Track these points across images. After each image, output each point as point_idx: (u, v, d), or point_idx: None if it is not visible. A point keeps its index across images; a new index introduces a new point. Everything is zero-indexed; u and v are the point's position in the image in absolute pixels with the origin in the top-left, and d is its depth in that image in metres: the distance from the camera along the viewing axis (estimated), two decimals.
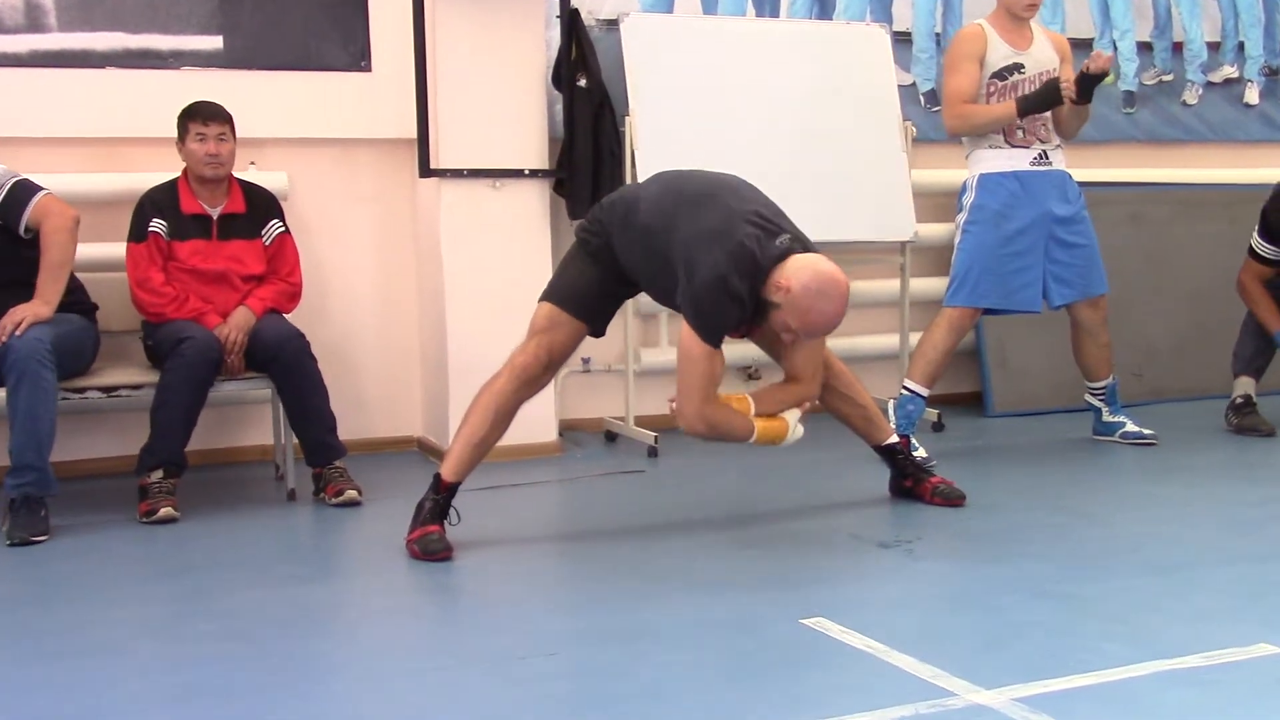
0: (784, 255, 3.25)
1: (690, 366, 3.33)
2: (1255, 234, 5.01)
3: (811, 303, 3.23)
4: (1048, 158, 4.51)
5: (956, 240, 4.57)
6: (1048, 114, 4.48)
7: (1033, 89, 4.43)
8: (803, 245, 3.31)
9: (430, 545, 3.44)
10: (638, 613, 2.99)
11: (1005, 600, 2.99)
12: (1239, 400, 5.00)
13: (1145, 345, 5.63)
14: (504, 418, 3.55)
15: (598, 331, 3.65)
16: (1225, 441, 4.88)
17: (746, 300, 3.26)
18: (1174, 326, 5.72)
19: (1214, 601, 2.99)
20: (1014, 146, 4.47)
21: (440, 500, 3.54)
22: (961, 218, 4.55)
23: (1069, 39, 4.85)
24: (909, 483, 3.97)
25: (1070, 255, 4.54)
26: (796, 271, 3.22)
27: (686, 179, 3.51)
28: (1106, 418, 4.83)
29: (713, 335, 3.30)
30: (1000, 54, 4.43)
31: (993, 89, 4.44)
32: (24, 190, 3.82)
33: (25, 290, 3.77)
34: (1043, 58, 4.48)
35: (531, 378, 3.54)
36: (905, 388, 4.53)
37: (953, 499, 3.90)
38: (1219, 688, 2.47)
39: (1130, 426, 4.79)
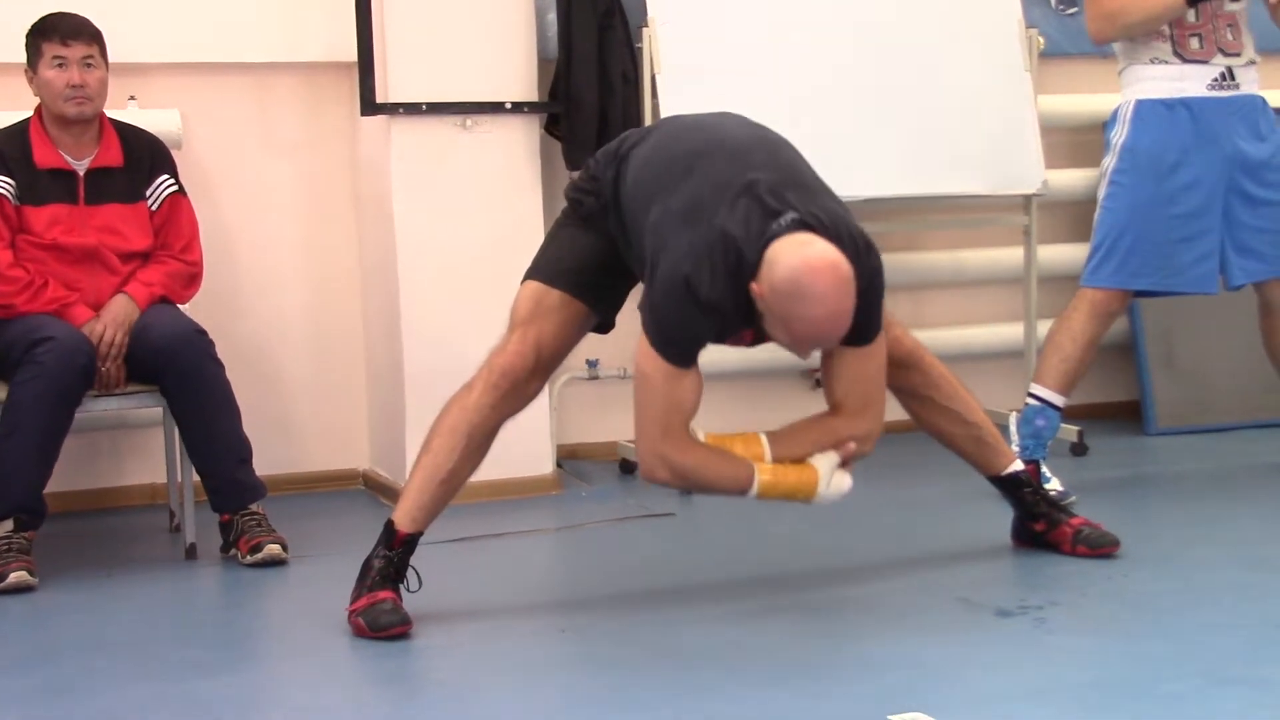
0: (775, 240, 3.17)
1: (645, 393, 3.32)
2: None
3: (788, 307, 3.12)
4: (1233, 78, 4.47)
5: (1101, 195, 4.55)
6: (1238, 7, 4.44)
7: None
8: (819, 223, 3.21)
9: (380, 618, 3.43)
10: (667, 711, 2.97)
11: (1176, 688, 2.98)
12: None
13: None
14: (479, 442, 3.54)
15: (603, 320, 3.63)
16: None
17: (727, 305, 3.20)
18: None
19: None
20: (1186, 61, 4.44)
21: (394, 557, 3.53)
22: (1109, 163, 4.53)
23: None
24: (1040, 526, 3.96)
25: (1260, 216, 4.51)
26: (772, 264, 3.13)
27: (686, 130, 3.50)
28: None
29: (673, 351, 3.28)
30: None
31: None
32: None
33: None
34: None
35: (514, 385, 3.51)
36: (1033, 395, 4.52)
37: (1102, 547, 3.89)
38: None
39: None
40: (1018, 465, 3.98)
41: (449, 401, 3.58)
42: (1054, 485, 4.44)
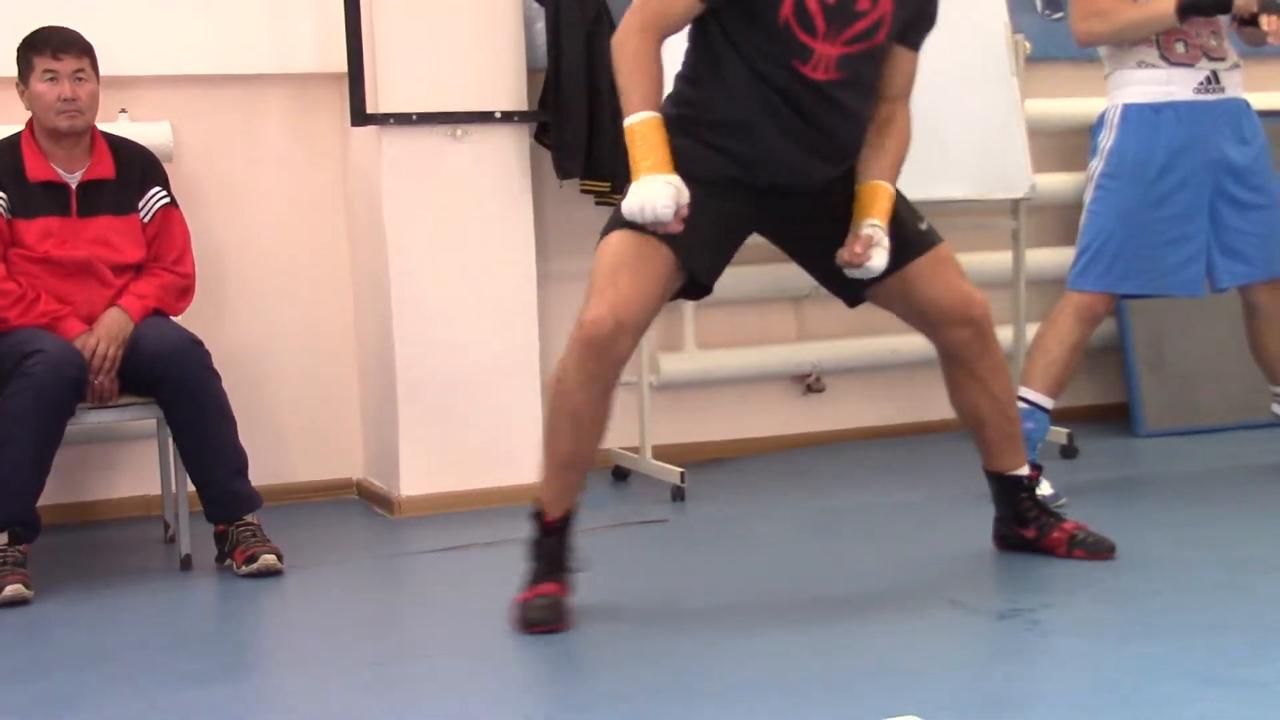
0: None
1: None
2: None
3: None
4: (1219, 81, 4.48)
5: (1088, 198, 4.57)
6: (1221, 18, 4.44)
7: None
8: None
9: (530, 614, 3.45)
10: (663, 714, 2.96)
11: (1167, 690, 2.98)
12: None
13: None
14: (588, 419, 3.46)
15: (698, 278, 3.53)
16: None
17: None
18: None
19: None
20: (1173, 65, 4.45)
21: (550, 545, 3.55)
22: (1096, 166, 4.54)
23: None
24: (1031, 532, 3.95)
25: (1245, 219, 4.52)
26: None
27: None
28: None
29: None
30: None
31: None
32: None
33: None
34: None
35: (598, 354, 3.39)
36: (1022, 399, 4.52)
37: (1099, 552, 3.89)
38: None
39: None
40: (1025, 470, 3.97)
41: (553, 376, 3.52)
42: (1045, 488, 4.44)
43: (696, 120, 3.54)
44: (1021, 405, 4.51)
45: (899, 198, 3.69)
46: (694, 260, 3.48)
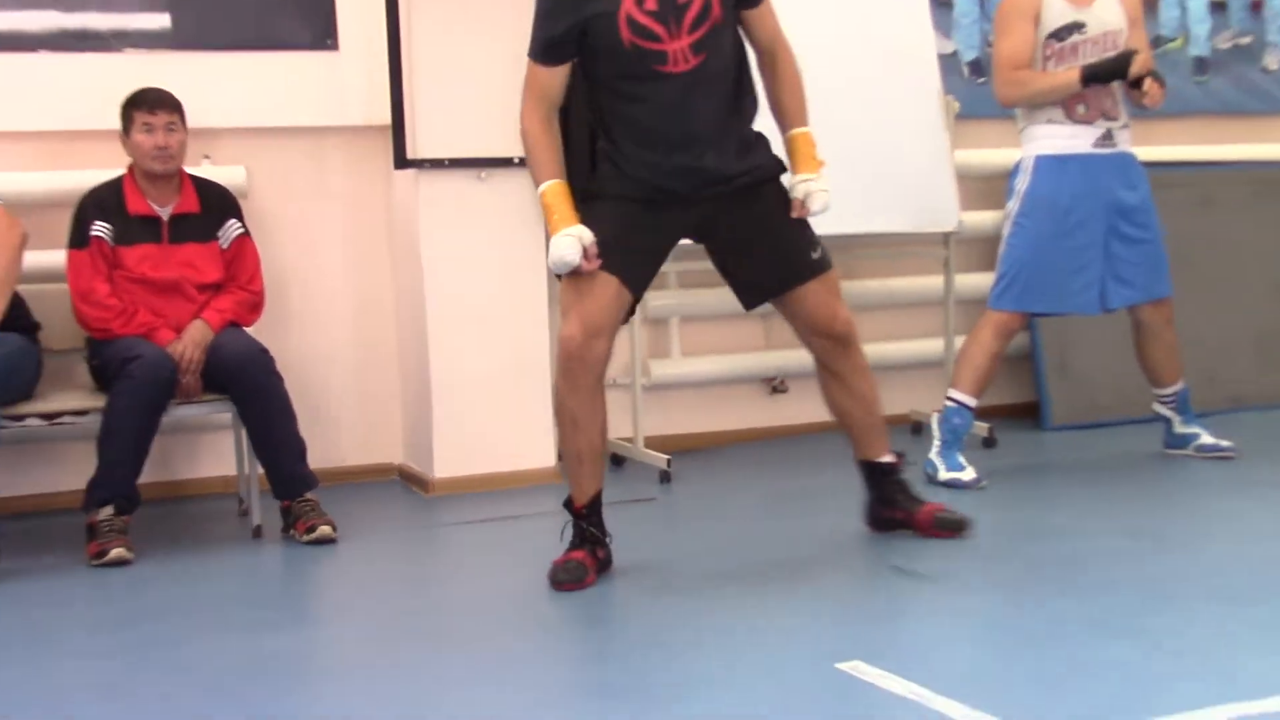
0: None
1: (526, 78, 3.54)
2: None
3: None
4: (1113, 138, 4.50)
5: (1005, 233, 4.59)
6: (1115, 85, 4.47)
7: (1095, 51, 4.43)
8: None
9: (557, 574, 3.51)
10: (650, 663, 2.99)
11: (1068, 637, 3.00)
12: None
13: (1220, 346, 5.62)
14: (585, 418, 3.52)
15: (631, 288, 3.53)
16: None
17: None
18: (1253, 324, 5.73)
19: None
20: (1075, 123, 4.47)
21: (580, 525, 3.60)
22: (1013, 206, 4.56)
23: None
24: (899, 514, 3.87)
25: (1132, 252, 4.55)
26: None
27: None
28: (1178, 429, 4.84)
29: (535, 47, 3.49)
30: (1057, 11, 4.42)
31: (1049, 51, 4.44)
32: None
33: None
34: (1107, 16, 4.47)
35: (579, 360, 3.46)
36: (950, 398, 4.55)
37: (957, 528, 3.83)
38: None
39: (1206, 438, 4.79)
40: (890, 458, 3.89)
41: (554, 388, 3.61)
42: (969, 473, 4.47)
43: (613, 149, 3.56)
44: (950, 404, 4.55)
45: (801, 230, 3.64)
46: (627, 277, 3.48)
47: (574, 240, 3.39)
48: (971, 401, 4.55)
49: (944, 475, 4.51)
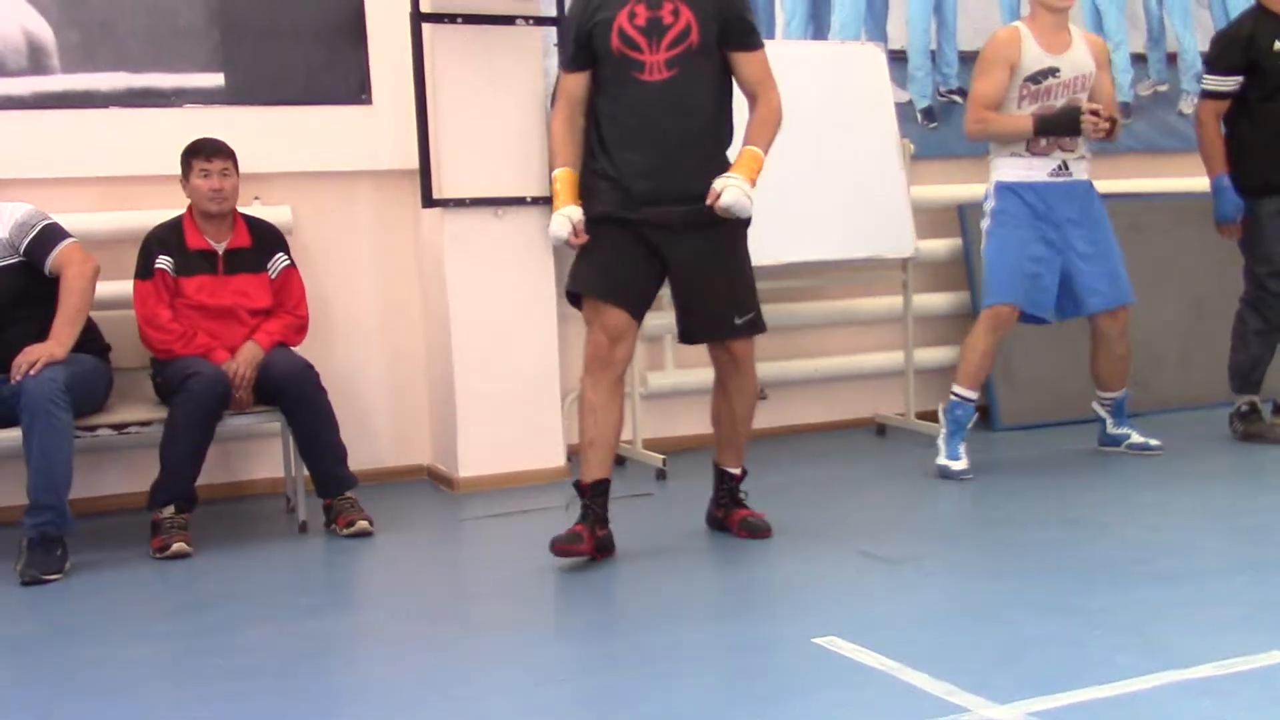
0: None
1: (559, 90, 3.66)
2: (1206, 77, 4.98)
3: None
4: (1068, 168, 4.49)
5: (983, 246, 4.59)
6: (1079, 100, 4.46)
7: (1068, 92, 4.42)
8: None
9: (560, 538, 3.55)
10: (649, 637, 2.98)
11: (1017, 614, 2.99)
12: (1244, 408, 4.99)
13: (1150, 354, 5.61)
14: (603, 409, 3.60)
15: (627, 307, 3.62)
16: (1232, 449, 4.87)
17: (577, 9, 3.57)
18: (1178, 335, 5.71)
19: (1225, 610, 2.98)
20: (1035, 155, 4.46)
21: (586, 503, 3.62)
22: (985, 223, 4.57)
23: None
24: (720, 513, 3.90)
25: (1091, 264, 4.52)
26: None
27: None
28: (1111, 429, 4.82)
29: (563, 57, 3.66)
30: (1033, 57, 4.41)
31: (1025, 93, 4.42)
32: (52, 234, 3.92)
33: (42, 325, 3.83)
34: (1079, 61, 4.46)
35: (603, 361, 3.59)
36: (953, 393, 4.55)
37: (759, 532, 3.79)
38: (1232, 697, 2.46)
39: (1136, 437, 4.77)
40: (736, 470, 3.90)
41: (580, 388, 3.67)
42: (963, 463, 4.48)
43: (599, 149, 3.62)
44: (953, 398, 4.53)
45: (744, 291, 3.68)
46: (629, 307, 3.58)
47: (565, 219, 3.52)
48: (971, 395, 4.53)
49: (940, 461, 4.53)
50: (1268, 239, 4.86)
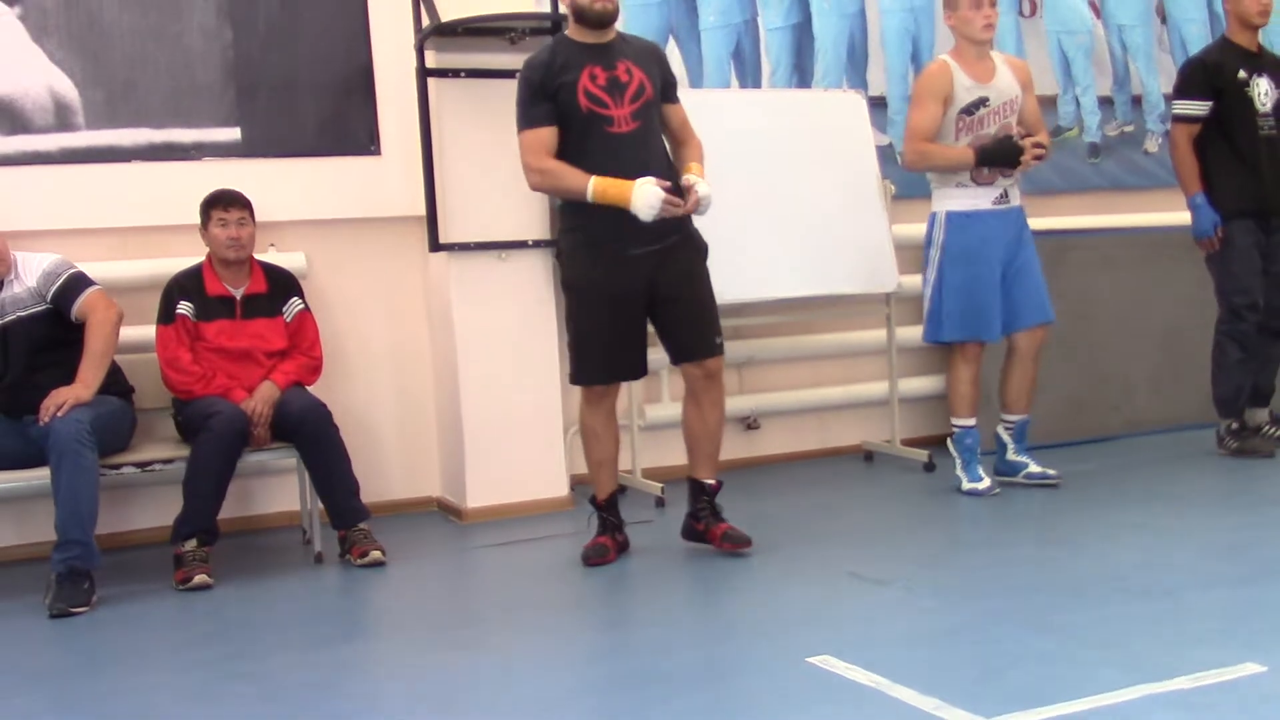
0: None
1: (522, 143, 3.72)
2: (1175, 102, 4.99)
3: None
4: (1007, 196, 4.50)
5: (930, 276, 4.55)
6: (1009, 123, 4.47)
7: (998, 119, 4.43)
8: None
9: (588, 553, 3.86)
10: (650, 659, 2.97)
11: (1001, 631, 2.99)
12: (1234, 425, 4.96)
13: (1122, 381, 5.64)
14: (601, 433, 3.90)
15: (628, 377, 3.95)
16: (1203, 470, 4.86)
17: (541, 55, 3.70)
18: (1149, 362, 5.71)
19: (1200, 624, 2.98)
20: (979, 185, 4.46)
21: (601, 516, 3.95)
22: (934, 254, 4.54)
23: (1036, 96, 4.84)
24: (700, 525, 3.93)
25: (1023, 283, 4.53)
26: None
27: None
28: (1011, 455, 4.68)
29: (522, 118, 3.71)
30: (965, 88, 4.42)
31: (961, 125, 4.43)
32: (78, 282, 3.95)
33: (68, 369, 3.84)
34: (1004, 88, 4.47)
35: (598, 397, 3.87)
36: (953, 425, 4.57)
37: (739, 544, 3.83)
38: (1208, 709, 2.46)
39: (1034, 467, 4.65)
40: (712, 481, 3.94)
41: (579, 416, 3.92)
42: (985, 483, 4.49)
43: (572, 226, 3.77)
44: (957, 430, 4.54)
45: (709, 317, 3.82)
46: (616, 378, 3.86)
47: (647, 188, 3.56)
48: (969, 422, 4.54)
49: (965, 486, 4.54)
50: (1241, 268, 4.87)
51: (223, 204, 4.12)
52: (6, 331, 3.91)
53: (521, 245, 4.70)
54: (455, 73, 4.59)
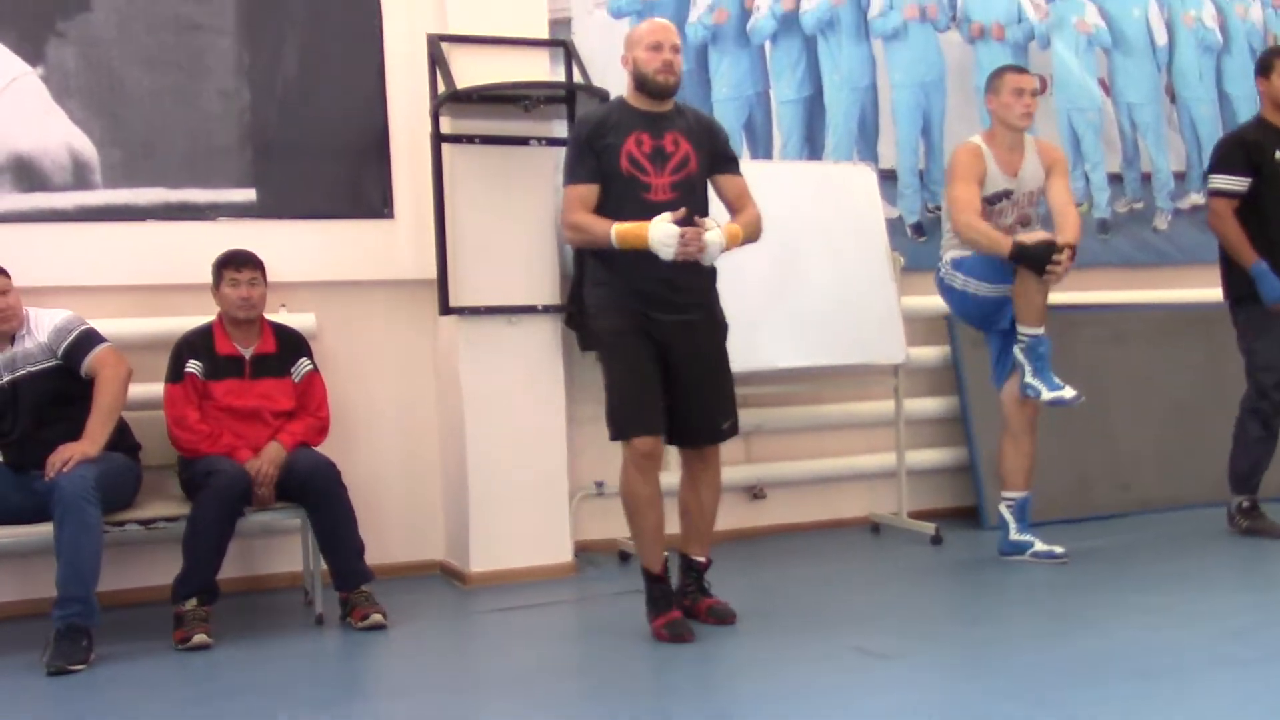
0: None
1: (565, 198, 3.78)
2: (1214, 177, 4.95)
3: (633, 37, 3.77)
4: None
5: (956, 285, 4.62)
6: (1028, 213, 4.56)
7: (1017, 210, 4.52)
8: None
9: (678, 629, 3.67)
10: None
11: (1006, 708, 2.96)
12: (1245, 504, 4.95)
13: (1132, 459, 5.61)
14: (645, 504, 3.75)
15: (658, 431, 3.80)
16: (1213, 548, 4.83)
17: (594, 114, 3.77)
18: (1158, 439, 5.70)
19: (1207, 705, 2.95)
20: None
21: (663, 589, 3.78)
22: (956, 278, 4.61)
23: None
24: (687, 602, 3.90)
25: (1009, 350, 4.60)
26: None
27: None
28: (1015, 535, 4.65)
29: (569, 176, 3.76)
30: (994, 178, 4.48)
31: (981, 211, 4.48)
32: (88, 339, 3.98)
33: (76, 425, 3.85)
34: (1028, 178, 4.54)
35: (644, 459, 3.75)
36: (1022, 335, 4.47)
37: (725, 618, 3.84)
38: None
39: (1040, 546, 4.61)
40: (702, 559, 3.95)
41: (621, 489, 3.80)
42: (1069, 391, 4.41)
43: (600, 280, 3.79)
44: (1025, 338, 4.44)
45: (729, 397, 3.88)
46: (653, 429, 3.73)
47: (662, 226, 3.59)
48: (1038, 330, 4.41)
49: (1047, 396, 4.43)
50: (1271, 344, 4.87)
51: (235, 264, 4.16)
52: (16, 386, 3.94)
53: (531, 310, 4.73)
54: (469, 139, 4.65)
